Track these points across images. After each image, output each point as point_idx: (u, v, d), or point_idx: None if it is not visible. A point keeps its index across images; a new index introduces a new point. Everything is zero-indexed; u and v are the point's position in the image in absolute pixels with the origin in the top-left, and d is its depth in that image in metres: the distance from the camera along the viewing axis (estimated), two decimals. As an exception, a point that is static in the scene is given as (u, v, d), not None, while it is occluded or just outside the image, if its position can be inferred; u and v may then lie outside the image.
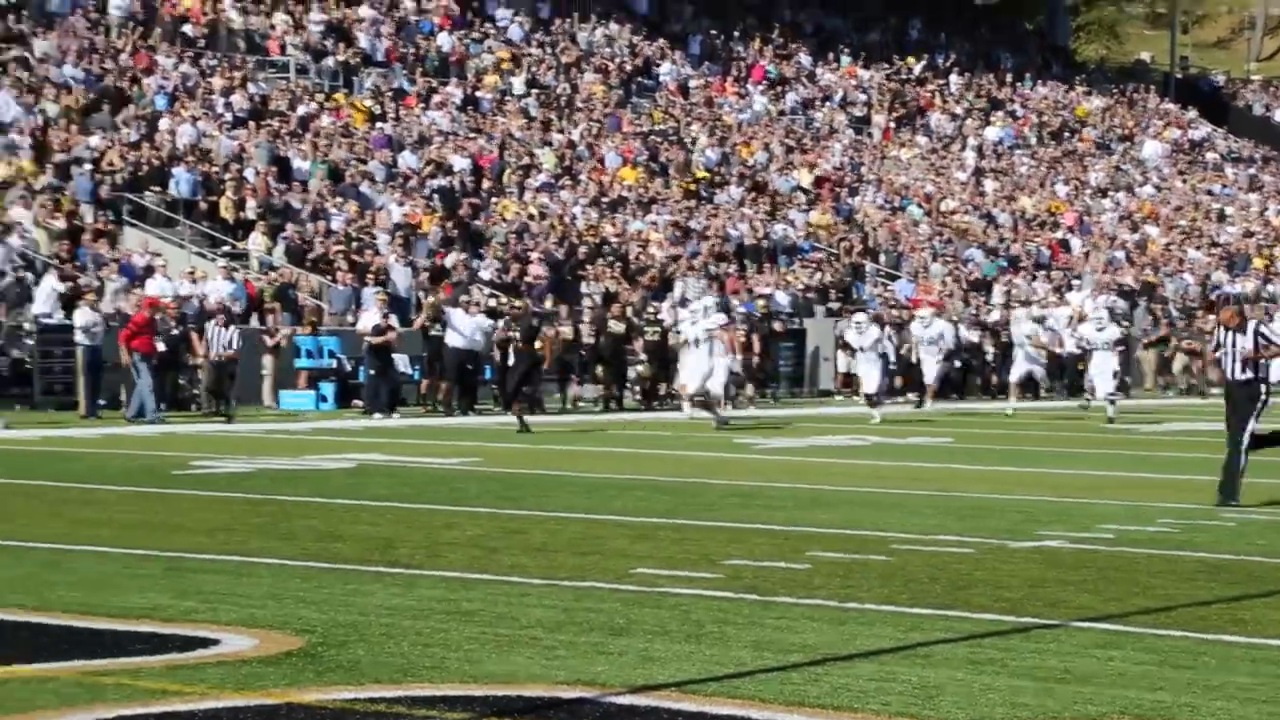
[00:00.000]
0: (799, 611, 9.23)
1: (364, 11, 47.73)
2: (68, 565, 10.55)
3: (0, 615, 8.67)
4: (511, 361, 26.78)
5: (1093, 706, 7.02)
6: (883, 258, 46.39)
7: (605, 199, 43.34)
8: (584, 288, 36.65)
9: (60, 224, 32.27)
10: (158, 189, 34.98)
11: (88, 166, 34.42)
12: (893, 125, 57.50)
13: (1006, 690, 7.30)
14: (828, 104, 56.93)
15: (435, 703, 6.83)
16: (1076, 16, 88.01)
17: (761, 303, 36.72)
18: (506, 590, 9.80)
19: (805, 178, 49.63)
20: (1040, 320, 35.58)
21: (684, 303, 32.26)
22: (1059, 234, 52.56)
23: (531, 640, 8.23)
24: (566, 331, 31.61)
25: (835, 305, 40.41)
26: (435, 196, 39.47)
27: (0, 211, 32.01)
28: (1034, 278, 47.27)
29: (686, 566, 10.74)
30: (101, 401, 26.97)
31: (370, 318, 29.44)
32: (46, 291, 29.04)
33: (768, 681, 7.39)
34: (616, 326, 32.15)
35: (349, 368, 30.52)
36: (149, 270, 31.03)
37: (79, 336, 27.15)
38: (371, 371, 28.81)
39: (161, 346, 26.79)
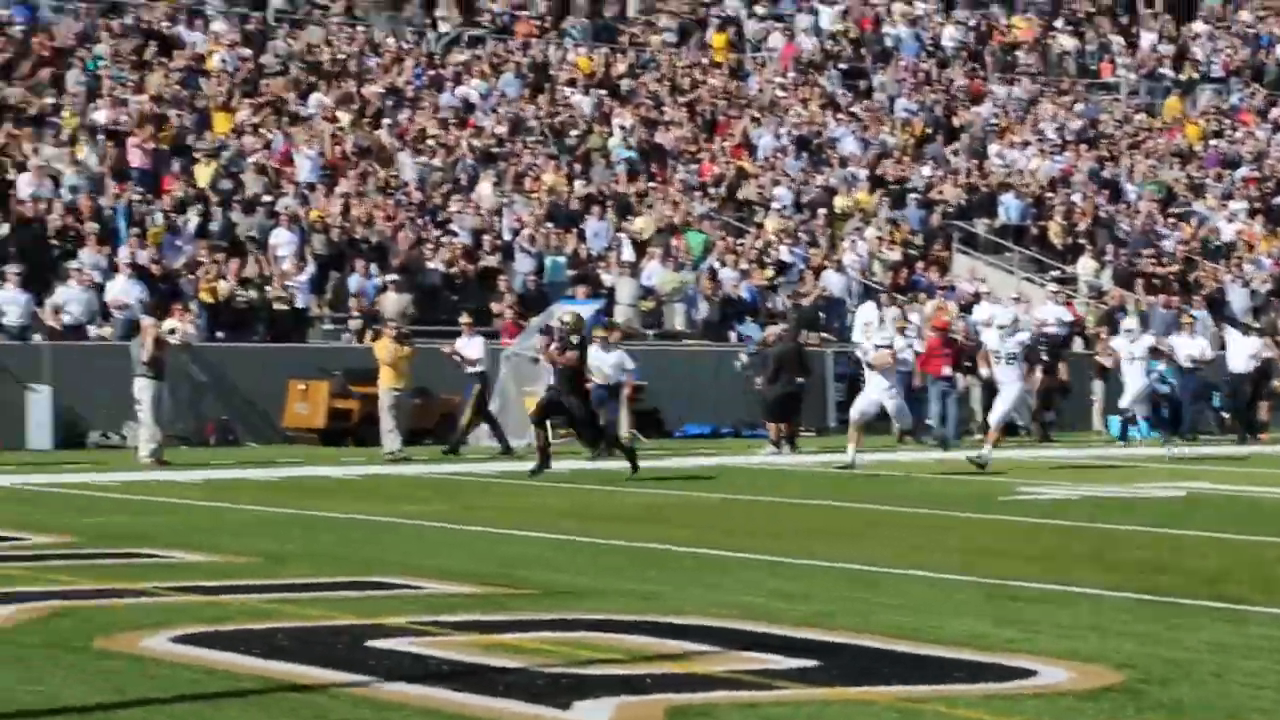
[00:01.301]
0: None
1: (1198, 27, 46.52)
2: (891, 587, 10.75)
3: (827, 636, 8.93)
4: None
5: None
6: None
7: None
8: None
9: (895, 255, 33.18)
10: (985, 219, 35.41)
11: (916, 196, 35.31)
12: None
13: None
14: None
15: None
16: None
17: None
18: (1347, 633, 9.17)
19: None
20: None
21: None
22: None
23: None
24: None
25: None
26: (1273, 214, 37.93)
27: (837, 241, 33.31)
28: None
29: None
30: (930, 423, 27.40)
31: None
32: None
33: None
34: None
35: (1170, 392, 29.68)
36: (976, 297, 31.39)
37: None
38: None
39: (946, 370, 26.71)
